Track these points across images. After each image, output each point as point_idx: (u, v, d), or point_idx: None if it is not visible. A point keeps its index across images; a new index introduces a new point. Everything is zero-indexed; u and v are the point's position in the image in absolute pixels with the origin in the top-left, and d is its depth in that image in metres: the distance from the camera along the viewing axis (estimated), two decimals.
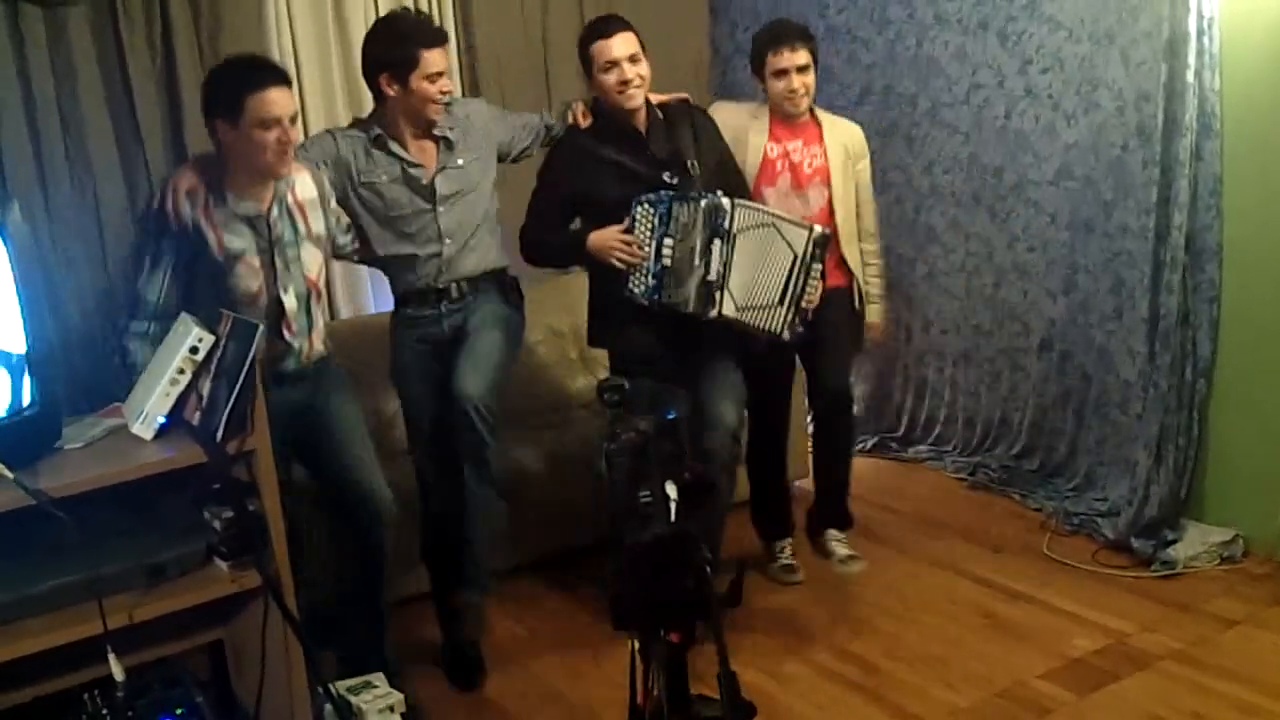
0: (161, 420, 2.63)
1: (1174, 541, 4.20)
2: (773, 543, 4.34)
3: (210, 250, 3.06)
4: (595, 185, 3.61)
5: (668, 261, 3.51)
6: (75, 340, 4.17)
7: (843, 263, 4.03)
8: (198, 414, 2.59)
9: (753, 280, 3.56)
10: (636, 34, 3.60)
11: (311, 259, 3.24)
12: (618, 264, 3.54)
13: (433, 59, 3.42)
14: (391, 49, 3.45)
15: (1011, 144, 4.68)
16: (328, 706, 2.73)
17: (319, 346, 3.34)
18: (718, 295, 3.53)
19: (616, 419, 2.20)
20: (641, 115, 3.63)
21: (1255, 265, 4.04)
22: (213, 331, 2.62)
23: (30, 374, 2.53)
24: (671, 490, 2.13)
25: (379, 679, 2.81)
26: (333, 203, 3.38)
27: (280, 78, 3.07)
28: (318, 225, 3.28)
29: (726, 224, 3.51)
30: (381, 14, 4.83)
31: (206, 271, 3.08)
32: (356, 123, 3.66)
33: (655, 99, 3.71)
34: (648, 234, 3.50)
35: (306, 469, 3.41)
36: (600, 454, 2.19)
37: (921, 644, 3.76)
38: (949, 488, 4.99)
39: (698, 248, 3.50)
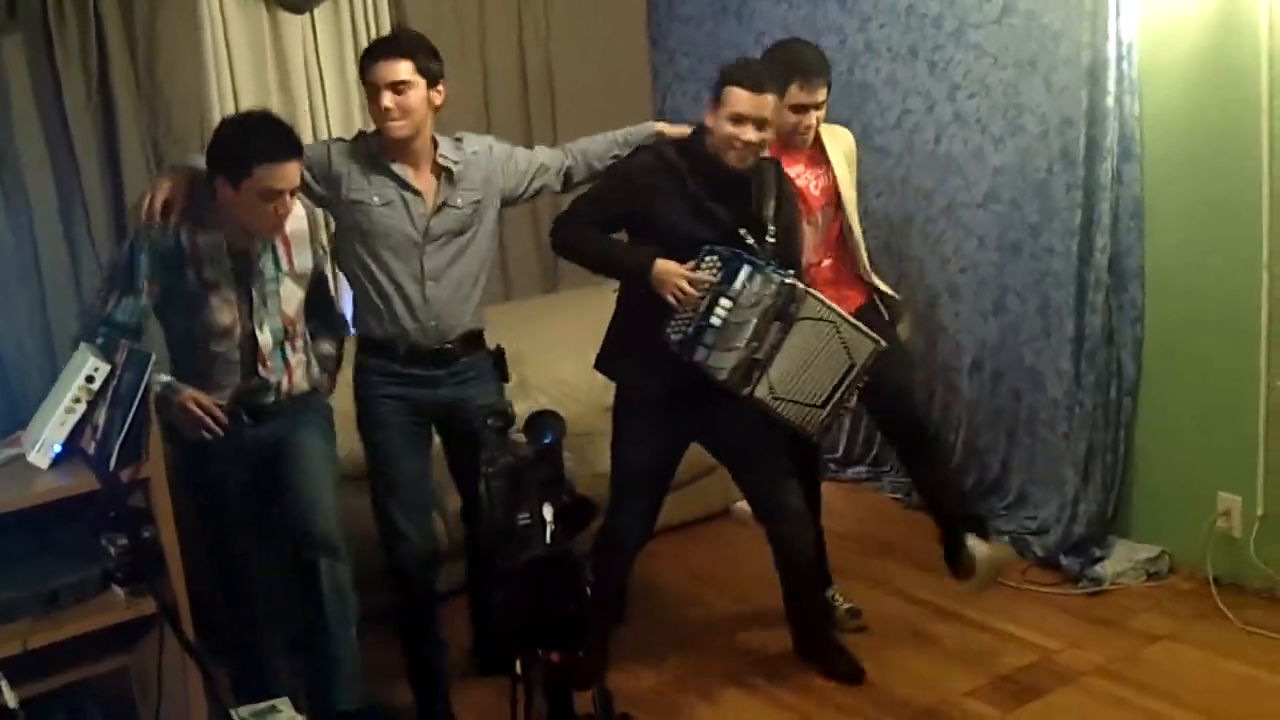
0: (58, 449, 2.65)
1: (1101, 559, 4.25)
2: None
3: (186, 274, 2.98)
4: (668, 209, 3.36)
5: (716, 322, 3.28)
6: (11, 367, 4.19)
7: (858, 279, 3.85)
8: (93, 443, 2.61)
9: (798, 374, 3.34)
10: (779, 100, 3.38)
11: (290, 295, 3.14)
12: (671, 300, 3.30)
13: (379, 71, 3.21)
14: (360, 63, 3.32)
15: (942, 167, 4.74)
16: None
17: (300, 383, 3.23)
18: (756, 375, 3.32)
19: (496, 444, 2.24)
20: (736, 169, 3.38)
21: (1177, 286, 4.10)
22: (110, 361, 2.64)
23: None
24: (548, 513, 2.16)
25: (284, 704, 2.82)
26: (321, 234, 3.32)
27: (295, 151, 2.96)
28: (301, 261, 3.17)
29: (793, 309, 3.30)
30: (320, 42, 4.90)
31: (181, 297, 3.00)
32: (360, 135, 3.46)
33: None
34: (706, 285, 3.29)
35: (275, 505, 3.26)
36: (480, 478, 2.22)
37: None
38: (886, 508, 5.03)
39: (754, 323, 3.28)
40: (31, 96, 4.22)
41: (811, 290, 3.36)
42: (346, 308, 3.73)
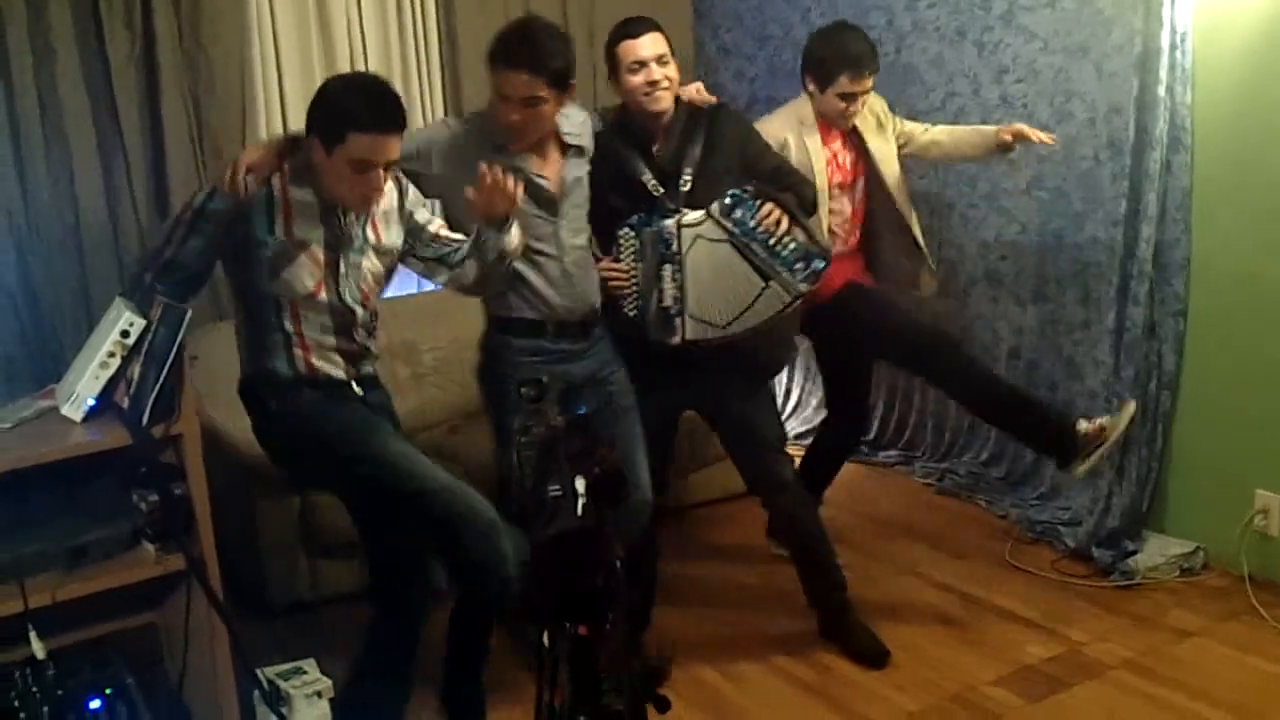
0: (91, 403, 2.65)
1: (1134, 552, 4.21)
2: None
3: (275, 227, 2.79)
4: (607, 191, 3.43)
5: (641, 286, 3.41)
6: (47, 318, 4.22)
7: (916, 245, 4.03)
8: (126, 399, 2.62)
9: (724, 291, 3.39)
10: (665, 35, 3.40)
11: (370, 270, 2.96)
12: (612, 291, 3.41)
13: (510, 83, 3.08)
14: (490, 51, 3.15)
15: None
16: (255, 691, 2.75)
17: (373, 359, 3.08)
18: (678, 322, 3.40)
19: (530, 414, 2.22)
20: (663, 120, 3.44)
21: (1221, 280, 4.04)
22: (145, 316, 2.64)
23: None
24: (580, 485, 2.15)
25: (309, 664, 2.84)
26: (420, 212, 3.07)
27: (398, 124, 2.76)
28: (388, 237, 2.99)
29: (674, 248, 3.36)
30: (364, 2, 4.87)
31: (266, 252, 2.80)
32: (478, 116, 3.32)
33: (688, 97, 3.52)
34: (631, 258, 3.39)
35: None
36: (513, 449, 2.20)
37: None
38: (917, 493, 5.00)
39: (652, 274, 3.38)
40: (75, 51, 4.23)
41: (684, 221, 3.36)
42: None
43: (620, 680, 2.16)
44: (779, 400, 5.12)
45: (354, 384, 2.97)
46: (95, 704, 2.74)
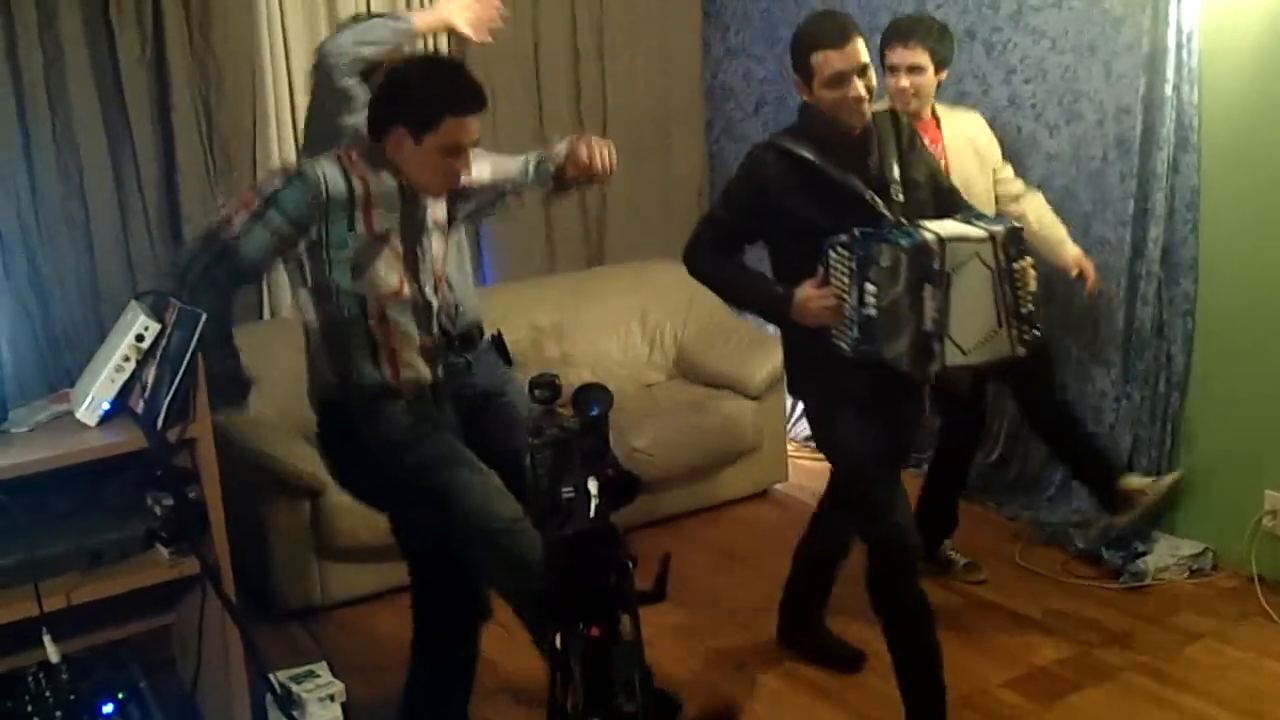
0: (106, 407, 2.65)
1: (1144, 553, 4.20)
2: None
3: (356, 223, 2.67)
4: (799, 205, 3.02)
5: (872, 312, 2.86)
6: (57, 321, 4.24)
7: None
8: (141, 402, 2.62)
9: (971, 317, 2.94)
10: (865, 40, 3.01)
11: (438, 247, 2.87)
12: (823, 321, 2.97)
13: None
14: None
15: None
16: (268, 694, 2.76)
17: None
18: (937, 347, 2.90)
19: (543, 415, 2.23)
20: (855, 133, 3.05)
21: (1230, 279, 4.05)
22: (160, 319, 2.64)
23: None
24: (593, 486, 2.16)
25: (321, 668, 2.84)
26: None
27: (484, 101, 2.73)
28: (440, 212, 2.89)
29: (936, 264, 2.86)
30: (372, 2, 4.87)
31: (349, 252, 2.69)
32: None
33: None
34: (845, 280, 2.90)
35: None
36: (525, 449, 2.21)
37: (886, 649, 3.77)
38: None
39: (906, 296, 2.85)
40: (86, 51, 4.25)
41: (948, 234, 2.92)
42: None
43: (632, 682, 2.16)
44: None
45: (434, 392, 2.86)
46: (108, 708, 2.74)
